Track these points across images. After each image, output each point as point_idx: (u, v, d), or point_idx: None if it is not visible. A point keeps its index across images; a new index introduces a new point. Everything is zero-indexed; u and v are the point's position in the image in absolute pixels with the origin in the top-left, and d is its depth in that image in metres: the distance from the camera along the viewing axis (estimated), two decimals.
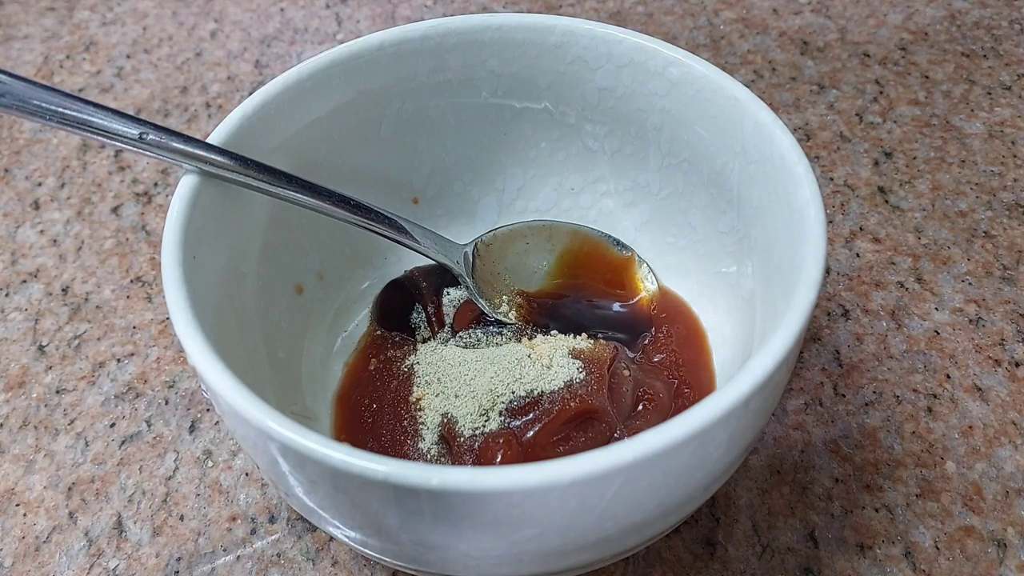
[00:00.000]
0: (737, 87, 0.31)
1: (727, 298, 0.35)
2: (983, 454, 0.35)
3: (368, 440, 0.32)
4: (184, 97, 0.54)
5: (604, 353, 0.33)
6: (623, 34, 0.34)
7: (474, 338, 0.36)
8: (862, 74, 0.53)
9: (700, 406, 0.22)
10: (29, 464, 0.36)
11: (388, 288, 0.38)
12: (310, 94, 0.33)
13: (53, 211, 0.47)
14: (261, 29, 0.60)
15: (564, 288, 0.38)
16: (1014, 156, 0.47)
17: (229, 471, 0.36)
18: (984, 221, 0.44)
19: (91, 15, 0.62)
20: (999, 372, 0.38)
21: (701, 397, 0.28)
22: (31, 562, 0.33)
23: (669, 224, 0.38)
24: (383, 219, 0.34)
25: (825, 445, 0.35)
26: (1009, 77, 0.52)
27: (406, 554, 0.25)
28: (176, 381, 0.39)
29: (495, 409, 0.31)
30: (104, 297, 0.43)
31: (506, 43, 0.35)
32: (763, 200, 0.31)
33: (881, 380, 0.38)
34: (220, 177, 0.29)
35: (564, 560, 0.25)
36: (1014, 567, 0.32)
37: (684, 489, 0.24)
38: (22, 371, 0.40)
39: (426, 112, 0.37)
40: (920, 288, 0.41)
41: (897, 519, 0.33)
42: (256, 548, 0.33)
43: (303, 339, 0.36)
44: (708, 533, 0.33)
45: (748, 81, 0.53)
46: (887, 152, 0.48)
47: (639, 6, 0.59)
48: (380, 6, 0.61)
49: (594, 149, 0.38)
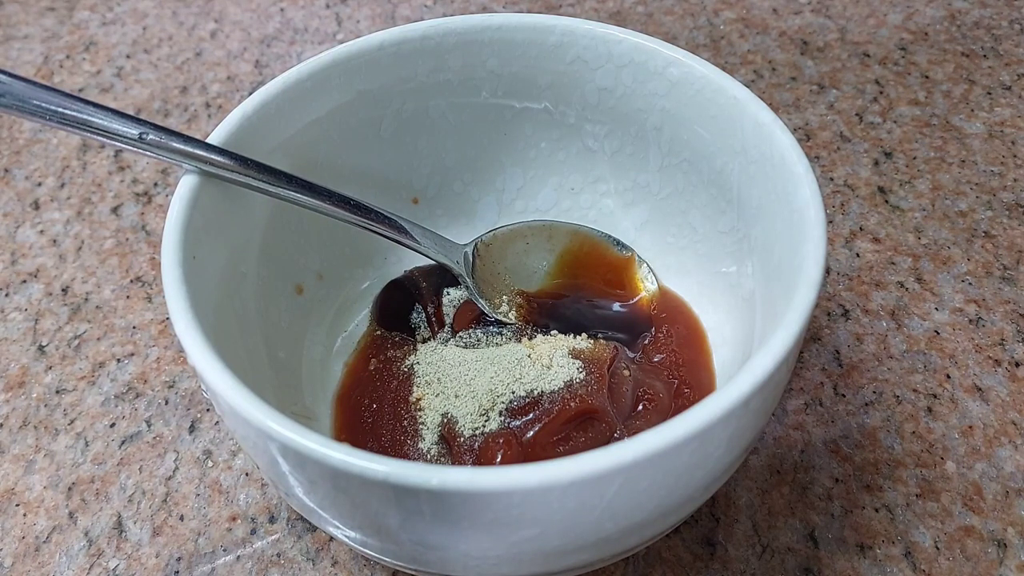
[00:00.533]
0: (737, 87, 0.31)
1: (727, 298, 0.35)
2: (983, 454, 0.35)
3: (368, 440, 0.32)
4: (184, 97, 0.54)
5: (604, 353, 0.33)
6: (623, 34, 0.34)
7: (474, 338, 0.36)
8: (862, 74, 0.53)
9: (700, 406, 0.22)
10: (29, 464, 0.36)
11: (388, 288, 0.38)
12: (310, 94, 0.33)
13: (53, 211, 0.47)
14: (261, 29, 0.60)
15: (564, 288, 0.38)
16: (1014, 156, 0.47)
17: (229, 471, 0.36)
18: (984, 221, 0.44)
19: (91, 15, 0.62)
20: (999, 372, 0.38)
21: (701, 397, 0.28)
22: (31, 562, 0.33)
23: (669, 224, 0.38)
24: (383, 219, 0.34)
25: (825, 445, 0.35)
26: (1009, 77, 0.52)
27: (406, 554, 0.25)
28: (176, 381, 0.39)
29: (495, 409, 0.31)
30: (104, 297, 0.43)
31: (506, 43, 0.35)
32: (763, 200, 0.31)
33: (881, 380, 0.38)
34: (220, 177, 0.29)
35: (564, 560, 0.25)
36: (1014, 567, 0.32)
37: (684, 489, 0.24)
38: (22, 371, 0.40)
39: (426, 112, 0.37)
40: (920, 288, 0.41)
41: (897, 519, 0.33)
42: (256, 548, 0.33)
43: (303, 339, 0.36)
44: (708, 533, 0.33)
45: (748, 81, 0.53)
46: (887, 152, 0.48)
47: (639, 6, 0.59)
48: (380, 6, 0.61)
49: (594, 149, 0.38)
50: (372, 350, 0.36)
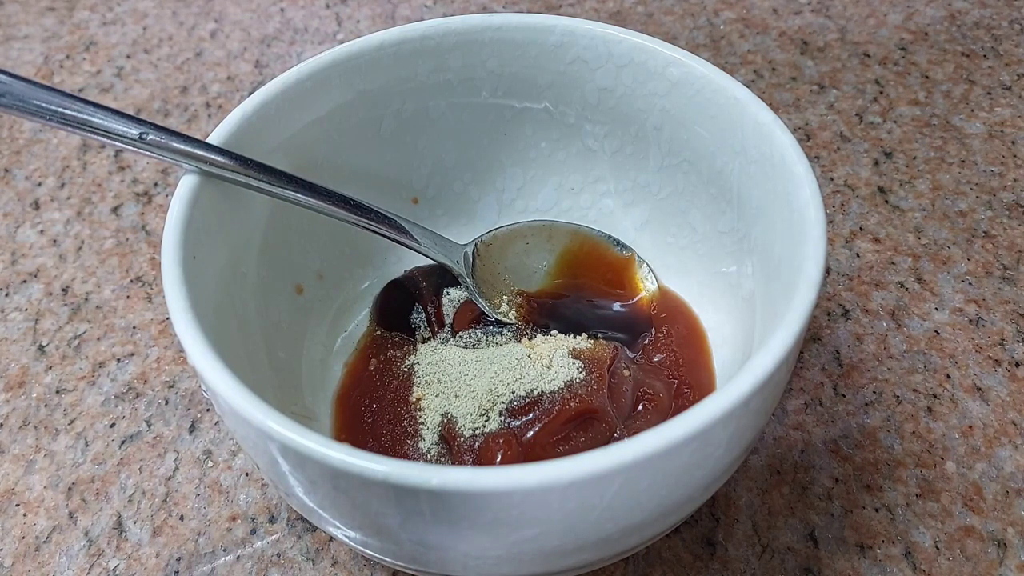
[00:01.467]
0: (737, 87, 0.31)
1: (727, 298, 0.35)
2: (983, 454, 0.35)
3: (368, 440, 0.32)
4: (184, 97, 0.54)
5: (604, 353, 0.33)
6: (623, 34, 0.34)
7: (474, 338, 0.36)
8: (862, 74, 0.53)
9: (700, 406, 0.22)
10: (29, 464, 0.36)
11: (388, 288, 0.38)
12: (310, 94, 0.33)
13: (53, 211, 0.47)
14: (261, 29, 0.60)
15: (564, 288, 0.38)
16: (1014, 156, 0.47)
17: (229, 471, 0.36)
18: (984, 221, 0.44)
19: (91, 15, 0.62)
20: (999, 372, 0.38)
21: (701, 397, 0.28)
22: (31, 562, 0.33)
23: (669, 224, 0.38)
24: (383, 219, 0.34)
25: (825, 445, 0.35)
26: (1009, 77, 0.52)
27: (406, 554, 0.25)
28: (176, 381, 0.39)
29: (495, 409, 0.31)
30: (104, 297, 0.43)
31: (506, 43, 0.35)
32: (763, 200, 0.31)
33: (881, 380, 0.38)
34: (220, 177, 0.29)
35: (564, 560, 0.25)
36: (1014, 567, 0.32)
37: (684, 489, 0.24)
38: (22, 371, 0.40)
39: (426, 112, 0.37)
40: (920, 288, 0.41)
41: (897, 519, 0.33)
42: (256, 548, 0.33)
43: (303, 339, 0.36)
44: (708, 533, 0.33)
45: (748, 81, 0.53)
46: (887, 152, 0.48)
47: (639, 6, 0.59)
48: (380, 6, 0.61)
49: (594, 149, 0.38)
50: (372, 350, 0.36)
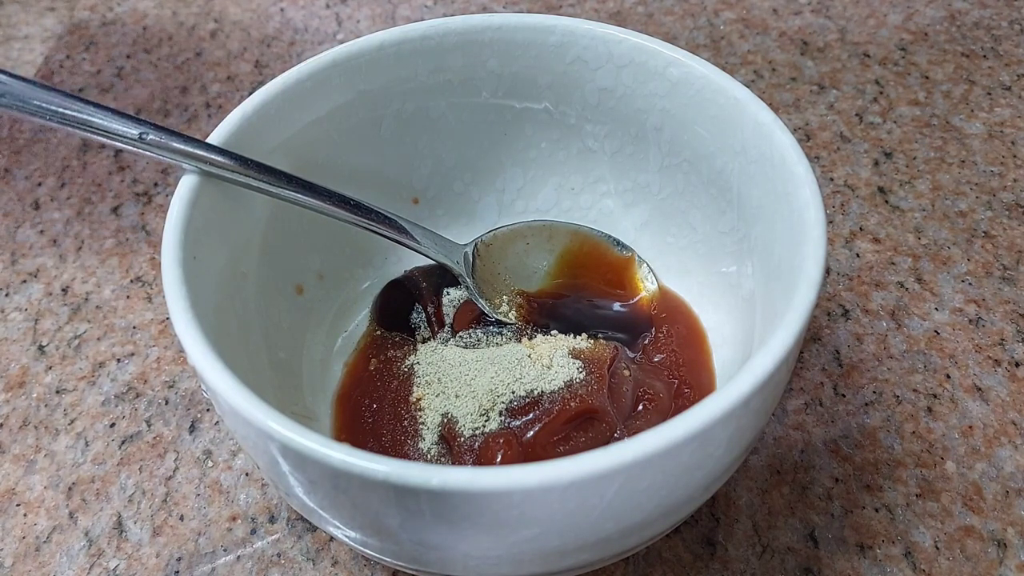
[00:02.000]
0: (737, 87, 0.31)
1: (727, 298, 0.35)
2: (983, 454, 0.35)
3: (368, 440, 0.32)
4: (184, 97, 0.54)
5: (604, 353, 0.33)
6: (623, 34, 0.34)
7: (474, 338, 0.36)
8: (862, 74, 0.53)
9: (700, 406, 0.22)
10: (29, 464, 0.36)
11: (388, 288, 0.38)
12: (310, 94, 0.33)
13: (53, 211, 0.47)
14: (261, 29, 0.60)
15: (564, 288, 0.38)
16: (1014, 156, 0.47)
17: (229, 471, 0.36)
18: (984, 221, 0.44)
19: (91, 15, 0.62)
20: (999, 372, 0.38)
21: (701, 397, 0.29)
22: (31, 562, 0.33)
23: (669, 224, 0.38)
24: (383, 219, 0.34)
25: (825, 445, 0.35)
26: (1009, 77, 0.52)
27: (406, 554, 0.25)
28: (176, 381, 0.39)
29: (495, 409, 0.31)
30: (104, 297, 0.43)
31: (506, 43, 0.35)
32: (763, 200, 0.31)
33: (881, 380, 0.38)
34: (220, 177, 0.29)
35: (564, 560, 0.25)
36: (1014, 567, 0.32)
37: (684, 489, 0.24)
38: (22, 371, 0.40)
39: (426, 112, 0.37)
40: (920, 288, 0.41)
41: (897, 519, 0.33)
42: (256, 548, 0.33)
43: (303, 339, 0.36)
44: (708, 533, 0.33)
45: (748, 81, 0.53)
46: (887, 152, 0.48)
47: (639, 6, 0.59)
48: (380, 6, 0.61)
49: (594, 149, 0.38)
50: (372, 350, 0.36)
